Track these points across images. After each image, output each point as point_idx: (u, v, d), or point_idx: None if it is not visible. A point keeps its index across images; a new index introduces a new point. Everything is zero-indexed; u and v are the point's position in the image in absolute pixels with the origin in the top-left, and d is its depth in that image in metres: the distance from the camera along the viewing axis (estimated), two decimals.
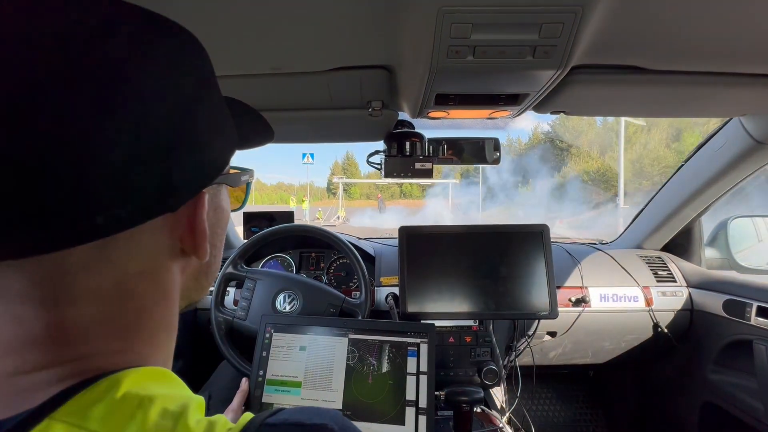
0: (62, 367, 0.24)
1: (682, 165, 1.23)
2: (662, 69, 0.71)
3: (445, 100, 0.79)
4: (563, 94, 0.77)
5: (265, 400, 0.88)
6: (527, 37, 0.59)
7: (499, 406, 1.18)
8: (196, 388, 1.21)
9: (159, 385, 0.27)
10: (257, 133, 0.40)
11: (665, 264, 1.34)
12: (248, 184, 0.41)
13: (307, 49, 0.67)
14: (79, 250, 0.24)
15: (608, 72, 0.72)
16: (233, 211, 0.41)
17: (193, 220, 0.30)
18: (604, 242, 1.64)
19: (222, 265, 1.11)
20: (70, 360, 0.25)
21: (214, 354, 1.05)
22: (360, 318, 1.07)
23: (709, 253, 1.39)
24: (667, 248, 1.45)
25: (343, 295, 1.11)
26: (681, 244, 1.41)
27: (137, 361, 0.28)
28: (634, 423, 1.55)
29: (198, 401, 0.28)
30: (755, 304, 1.06)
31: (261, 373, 0.90)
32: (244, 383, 0.90)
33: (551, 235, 1.25)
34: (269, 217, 1.50)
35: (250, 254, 1.21)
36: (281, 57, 0.68)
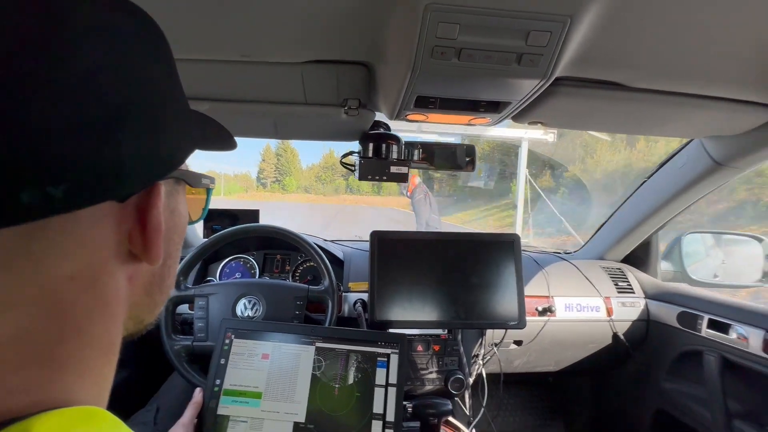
0: None
1: (645, 181, 1.28)
2: (641, 87, 0.72)
3: (426, 103, 0.76)
4: (544, 105, 0.76)
5: (220, 411, 0.81)
6: (514, 43, 0.57)
7: (465, 414, 1.18)
8: (143, 401, 1.11)
9: (83, 430, 0.22)
10: (219, 137, 0.36)
11: (625, 275, 1.39)
12: (208, 191, 0.36)
13: (280, 38, 0.62)
14: None
15: (590, 86, 0.72)
16: (192, 222, 0.36)
17: (146, 213, 0.26)
18: (568, 252, 1.68)
19: None
20: None
21: (164, 362, 0.96)
22: (331, 303, 1.02)
23: (665, 265, 1.46)
24: (627, 260, 1.50)
25: (307, 285, 1.05)
26: (639, 257, 1.46)
27: (61, 399, 0.22)
28: (591, 427, 1.60)
29: None
30: (706, 317, 1.11)
31: (218, 382, 0.84)
32: (198, 394, 0.83)
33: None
34: (232, 215, 1.42)
35: (208, 256, 1.13)
36: (251, 44, 0.63)
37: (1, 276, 0.20)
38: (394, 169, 0.95)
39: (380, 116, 0.98)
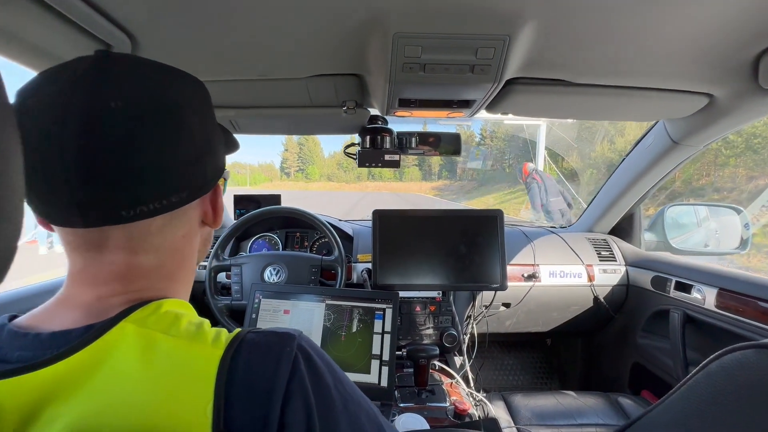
0: (129, 294, 0.39)
1: (624, 158, 1.39)
2: (584, 83, 0.86)
3: (408, 103, 0.93)
4: (506, 100, 0.91)
5: None
6: (466, 58, 0.73)
7: (458, 367, 1.37)
8: None
9: (184, 309, 0.42)
10: (232, 144, 0.56)
11: (609, 245, 1.53)
12: (225, 180, 0.57)
13: (288, 61, 0.80)
14: (158, 219, 0.39)
15: (540, 83, 0.86)
16: None
17: (215, 201, 0.47)
18: (563, 226, 1.82)
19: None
20: (135, 290, 0.40)
21: (209, 315, 1.20)
22: (340, 270, 1.23)
23: (649, 236, 1.57)
24: (613, 231, 1.63)
25: (320, 256, 1.27)
26: (624, 228, 1.59)
27: (171, 295, 0.43)
28: (581, 384, 1.77)
29: (208, 321, 0.43)
30: (674, 279, 1.25)
31: None
32: None
33: (516, 219, 1.39)
34: (256, 200, 1.64)
35: (239, 234, 1.35)
36: (267, 66, 0.81)
37: (156, 235, 0.40)
38: (387, 157, 1.13)
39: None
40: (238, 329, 0.42)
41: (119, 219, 0.37)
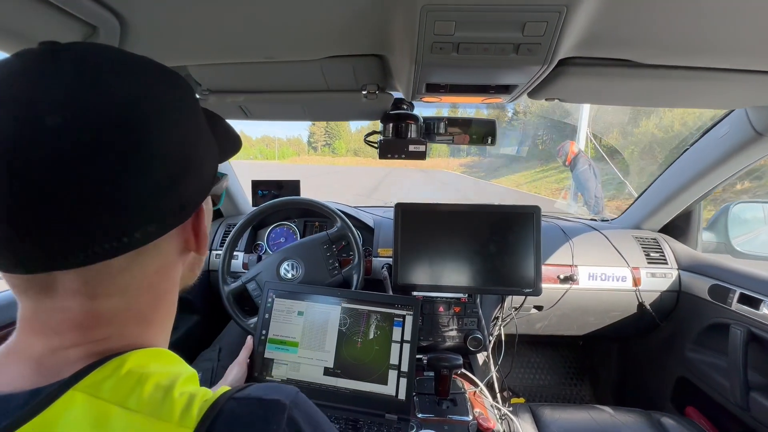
0: (90, 345, 0.32)
1: (687, 149, 1.21)
2: (654, 63, 0.70)
3: (436, 89, 0.80)
4: (555, 84, 0.77)
5: (267, 356, 0.99)
6: (511, 35, 0.59)
7: (481, 364, 1.28)
8: (209, 342, 1.35)
9: (156, 363, 0.34)
10: (230, 144, 0.45)
11: (659, 245, 1.36)
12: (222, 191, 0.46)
13: (298, 41, 0.69)
14: (118, 259, 0.31)
15: (599, 64, 0.71)
16: (214, 207, 0.46)
17: (198, 227, 0.38)
18: (605, 220, 1.65)
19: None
20: (98, 340, 0.32)
21: (223, 311, 1.16)
22: (352, 238, 1.19)
23: (708, 236, 1.39)
24: (665, 230, 1.45)
25: (326, 232, 1.23)
26: (679, 227, 1.41)
27: (144, 343, 0.35)
28: (615, 390, 1.65)
29: (187, 375, 0.35)
30: (738, 291, 1.09)
31: (264, 332, 1.01)
32: (249, 340, 1.01)
33: (552, 210, 1.26)
34: (278, 185, 1.57)
35: (257, 223, 1.30)
36: (274, 47, 0.70)
37: (121, 275, 0.32)
38: (412, 147, 1.01)
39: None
40: (223, 389, 0.34)
41: (65, 264, 0.29)
